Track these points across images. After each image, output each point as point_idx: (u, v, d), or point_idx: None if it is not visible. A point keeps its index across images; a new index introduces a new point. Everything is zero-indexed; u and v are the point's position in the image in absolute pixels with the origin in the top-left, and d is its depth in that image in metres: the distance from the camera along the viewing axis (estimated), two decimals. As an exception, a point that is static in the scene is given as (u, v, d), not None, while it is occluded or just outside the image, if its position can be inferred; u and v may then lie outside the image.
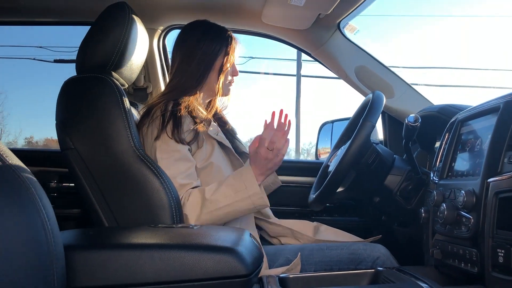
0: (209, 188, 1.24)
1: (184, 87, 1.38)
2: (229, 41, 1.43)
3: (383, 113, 1.86)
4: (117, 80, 1.27)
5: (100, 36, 1.23)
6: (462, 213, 0.91)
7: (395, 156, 1.41)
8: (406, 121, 1.21)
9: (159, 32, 1.82)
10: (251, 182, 1.22)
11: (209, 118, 1.40)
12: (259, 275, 0.90)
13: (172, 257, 0.74)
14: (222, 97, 1.50)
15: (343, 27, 1.72)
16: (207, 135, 1.36)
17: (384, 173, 1.36)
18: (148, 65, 1.82)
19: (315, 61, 1.86)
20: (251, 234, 0.91)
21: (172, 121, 1.27)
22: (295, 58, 10.85)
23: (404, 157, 1.41)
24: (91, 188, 1.16)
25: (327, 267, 1.27)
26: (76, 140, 1.16)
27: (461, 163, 1.04)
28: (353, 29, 1.73)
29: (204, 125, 1.34)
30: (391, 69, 1.78)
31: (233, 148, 1.46)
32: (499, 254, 0.79)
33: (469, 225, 0.88)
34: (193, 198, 1.22)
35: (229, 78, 1.47)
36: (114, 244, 0.81)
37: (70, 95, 1.22)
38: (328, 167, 1.53)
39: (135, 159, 1.16)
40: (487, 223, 0.84)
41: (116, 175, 1.15)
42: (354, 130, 1.30)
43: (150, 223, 1.13)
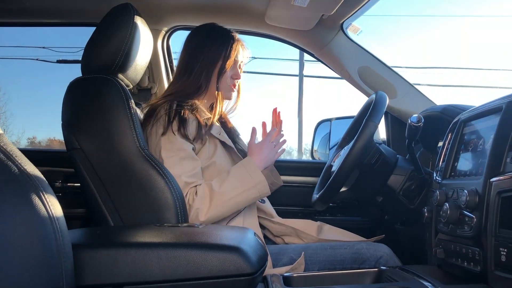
0: (215, 181, 1.28)
1: (187, 90, 1.40)
2: (231, 43, 1.43)
3: (386, 113, 1.86)
4: (122, 80, 1.28)
5: (105, 37, 1.24)
6: (465, 212, 0.91)
7: (398, 156, 1.42)
8: (409, 121, 1.21)
9: (163, 33, 1.83)
10: (255, 171, 1.29)
11: (213, 121, 1.41)
12: (263, 274, 0.91)
13: (178, 255, 0.75)
14: (225, 100, 1.50)
15: (346, 28, 1.73)
16: (210, 134, 1.37)
17: (387, 173, 1.36)
18: (152, 65, 1.83)
19: (317, 61, 1.87)
20: (255, 233, 0.92)
21: (177, 119, 1.29)
22: (298, 58, 10.83)
23: (407, 157, 1.42)
24: (96, 187, 1.16)
25: (330, 266, 1.28)
26: (82, 140, 1.17)
27: (464, 163, 1.05)
28: (356, 29, 1.73)
29: (207, 124, 1.36)
30: (394, 69, 1.79)
31: (235, 147, 1.47)
32: (502, 252, 0.80)
33: (472, 225, 0.89)
34: (201, 192, 1.25)
35: (229, 81, 1.46)
36: (121, 242, 0.81)
37: (76, 96, 1.23)
38: (331, 167, 1.53)
39: (140, 158, 1.17)
40: (490, 222, 0.84)
41: (121, 174, 1.16)
42: (357, 130, 1.30)
43: (155, 222, 1.14)
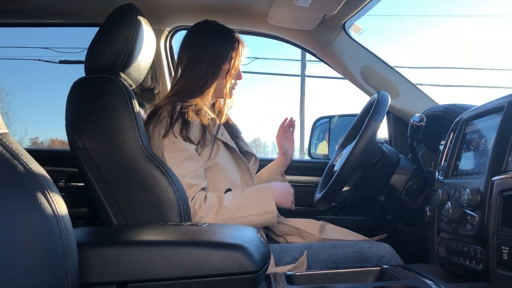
0: (228, 196, 1.29)
1: (190, 90, 1.40)
2: (236, 44, 1.44)
3: (388, 112, 1.86)
4: (125, 80, 1.29)
5: (108, 37, 1.25)
6: (467, 211, 0.92)
7: (400, 155, 1.42)
8: (411, 120, 1.21)
9: (166, 33, 1.84)
10: (269, 199, 1.31)
11: (219, 122, 1.42)
12: (266, 273, 0.91)
13: (182, 253, 0.76)
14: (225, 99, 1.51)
15: (348, 28, 1.73)
16: (212, 135, 1.37)
17: (389, 172, 1.36)
18: (155, 65, 1.84)
19: (319, 61, 1.87)
20: (258, 231, 0.92)
21: (179, 121, 1.29)
22: (299, 58, 10.84)
23: (409, 157, 1.42)
24: (100, 187, 1.17)
25: (333, 265, 1.28)
26: (86, 140, 1.18)
27: (466, 162, 1.05)
28: (358, 29, 1.74)
29: (210, 125, 1.36)
30: (396, 69, 1.79)
31: (238, 147, 1.48)
32: (504, 251, 0.80)
33: (474, 223, 0.89)
34: (210, 202, 1.26)
35: (233, 81, 1.49)
36: (125, 241, 0.82)
37: (79, 96, 1.24)
38: (333, 166, 1.54)
39: (143, 158, 1.18)
40: (492, 221, 0.84)
41: (125, 174, 1.17)
42: (359, 129, 1.31)
43: (158, 221, 1.14)
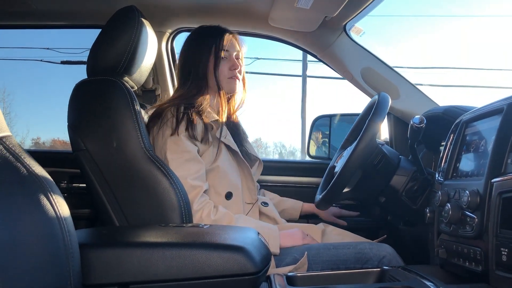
0: (239, 218, 1.31)
1: (190, 93, 1.42)
2: (217, 37, 1.45)
3: (389, 114, 1.86)
4: (127, 82, 1.29)
5: (110, 39, 1.26)
6: (466, 212, 0.92)
7: (400, 156, 1.42)
8: (411, 122, 1.22)
9: (167, 35, 1.84)
10: (274, 243, 1.31)
11: (221, 121, 1.43)
12: (267, 274, 0.92)
13: (183, 255, 0.76)
14: (228, 94, 1.50)
15: (349, 29, 1.74)
16: (215, 138, 1.38)
17: (390, 174, 1.37)
18: (156, 67, 1.84)
19: (320, 62, 1.88)
20: (259, 233, 0.93)
21: (184, 120, 1.31)
22: (301, 59, 10.85)
23: (409, 158, 1.42)
24: (102, 188, 1.18)
25: (333, 266, 1.28)
26: (87, 141, 1.18)
27: (466, 163, 1.05)
28: (359, 31, 1.74)
29: (213, 127, 1.37)
30: (396, 69, 1.79)
31: (242, 151, 1.48)
32: (503, 252, 0.81)
33: (473, 225, 0.89)
34: (220, 217, 1.28)
35: (228, 73, 1.46)
36: (127, 242, 0.83)
37: (81, 98, 1.25)
38: (334, 167, 1.54)
39: (145, 159, 1.18)
40: (491, 222, 0.85)
41: (126, 175, 1.18)
42: (360, 131, 1.31)
43: (160, 222, 1.15)
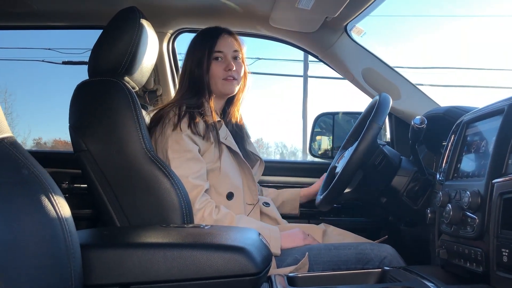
0: (240, 218, 1.31)
1: (190, 94, 1.44)
2: (211, 39, 1.46)
3: (390, 114, 1.87)
4: (128, 83, 1.30)
5: (111, 40, 1.26)
6: (467, 213, 0.92)
7: (401, 157, 1.42)
8: (412, 123, 1.22)
9: (168, 35, 1.84)
10: (275, 243, 1.31)
11: (221, 121, 1.44)
12: (267, 274, 0.92)
13: (184, 255, 0.76)
14: (225, 95, 1.52)
15: (350, 30, 1.74)
16: (216, 138, 1.38)
17: (391, 174, 1.37)
18: (158, 68, 1.84)
19: (321, 62, 1.88)
20: (260, 233, 0.93)
21: (187, 117, 1.33)
22: (302, 59, 10.84)
23: (410, 158, 1.42)
24: (103, 188, 1.18)
25: (334, 267, 1.28)
26: (89, 142, 1.19)
27: (467, 164, 1.05)
28: (360, 31, 1.74)
29: (214, 128, 1.38)
30: (397, 70, 1.79)
31: (243, 152, 1.48)
32: (504, 253, 0.81)
33: (474, 226, 0.89)
34: (221, 217, 1.28)
35: (223, 74, 1.46)
36: (128, 243, 0.83)
37: (83, 99, 1.25)
38: (335, 168, 1.54)
39: (146, 160, 1.18)
40: (492, 223, 0.85)
41: (128, 176, 1.18)
42: (361, 131, 1.31)
43: (161, 223, 1.15)
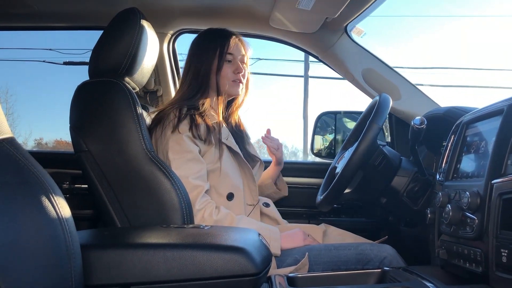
0: (240, 219, 1.31)
1: (192, 93, 1.43)
2: (223, 40, 1.46)
3: (390, 115, 1.87)
4: (128, 83, 1.30)
5: (112, 41, 1.26)
6: (466, 214, 0.92)
7: (401, 157, 1.42)
8: (412, 123, 1.22)
9: (169, 36, 1.84)
10: (275, 244, 1.31)
11: (223, 122, 1.44)
12: (267, 275, 0.92)
13: (184, 256, 0.76)
14: (230, 96, 1.52)
15: (350, 30, 1.74)
16: (217, 139, 1.39)
17: (391, 175, 1.37)
18: (158, 68, 1.85)
19: (321, 63, 1.88)
20: (260, 234, 0.93)
21: (187, 119, 1.33)
22: (303, 59, 10.84)
23: (410, 159, 1.42)
24: (104, 189, 1.18)
25: (334, 267, 1.28)
26: (89, 142, 1.19)
27: (466, 164, 1.05)
28: (360, 32, 1.74)
29: (215, 128, 1.38)
30: (396, 70, 1.79)
31: (244, 152, 1.49)
32: (503, 254, 0.81)
33: (474, 226, 0.89)
34: (221, 218, 1.28)
35: (231, 76, 1.47)
36: (128, 243, 0.83)
37: (83, 99, 1.25)
38: (335, 168, 1.54)
39: (146, 161, 1.19)
40: (491, 223, 0.85)
41: (128, 176, 1.18)
42: (361, 132, 1.31)
43: (161, 223, 1.15)
